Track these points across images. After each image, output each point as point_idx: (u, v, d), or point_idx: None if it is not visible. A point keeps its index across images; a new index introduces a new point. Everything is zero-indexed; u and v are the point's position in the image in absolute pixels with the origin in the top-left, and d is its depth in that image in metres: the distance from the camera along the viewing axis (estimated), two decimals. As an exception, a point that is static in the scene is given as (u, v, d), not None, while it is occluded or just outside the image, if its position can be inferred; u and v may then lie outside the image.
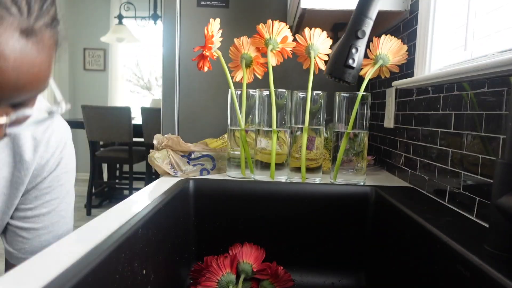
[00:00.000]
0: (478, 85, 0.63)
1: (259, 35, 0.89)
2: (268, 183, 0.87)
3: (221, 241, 0.83)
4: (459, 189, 0.68)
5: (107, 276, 0.43)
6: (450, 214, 0.64)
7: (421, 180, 0.84)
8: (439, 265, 0.52)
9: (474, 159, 0.63)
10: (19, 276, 0.38)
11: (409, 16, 0.96)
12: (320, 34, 0.89)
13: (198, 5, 1.43)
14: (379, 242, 0.79)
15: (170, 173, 0.92)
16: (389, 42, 0.87)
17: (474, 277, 0.43)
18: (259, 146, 0.91)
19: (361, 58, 0.51)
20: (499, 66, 0.53)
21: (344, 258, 0.85)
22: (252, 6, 1.43)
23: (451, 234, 0.52)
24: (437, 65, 0.83)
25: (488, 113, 0.60)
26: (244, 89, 0.90)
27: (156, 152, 0.93)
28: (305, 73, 0.92)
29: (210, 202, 0.85)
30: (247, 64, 0.93)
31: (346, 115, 0.88)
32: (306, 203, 0.85)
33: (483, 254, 0.45)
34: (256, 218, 0.85)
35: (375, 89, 1.23)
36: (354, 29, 0.50)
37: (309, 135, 0.90)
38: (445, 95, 0.75)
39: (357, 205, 0.84)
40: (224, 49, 0.97)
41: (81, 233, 0.51)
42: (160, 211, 0.63)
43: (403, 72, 0.97)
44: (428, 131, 0.81)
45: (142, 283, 0.54)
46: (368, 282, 0.83)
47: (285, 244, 0.85)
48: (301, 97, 0.90)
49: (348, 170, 0.88)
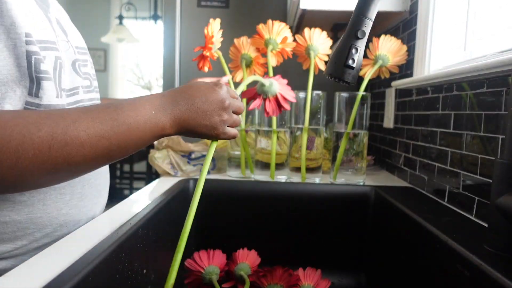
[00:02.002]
0: (478, 85, 0.63)
1: (259, 35, 0.89)
2: (268, 183, 0.87)
3: (221, 240, 0.83)
4: (459, 189, 0.68)
5: (107, 276, 0.43)
6: (450, 214, 0.64)
7: (421, 180, 0.84)
8: (438, 264, 0.52)
9: (474, 159, 0.64)
10: (19, 276, 0.38)
11: (408, 17, 0.96)
12: (320, 35, 0.89)
13: (198, 6, 1.43)
14: (379, 242, 0.79)
15: (170, 173, 0.92)
16: (388, 42, 0.87)
17: (473, 277, 0.43)
18: (259, 146, 0.91)
19: (361, 58, 0.51)
20: (498, 66, 0.54)
21: (344, 258, 0.85)
22: (252, 6, 1.43)
23: (451, 233, 0.52)
24: (437, 65, 0.83)
25: (487, 113, 0.60)
26: (244, 89, 0.90)
27: (157, 152, 0.93)
28: (305, 73, 0.92)
29: (210, 202, 0.85)
30: (247, 64, 0.93)
31: (346, 115, 0.88)
32: (306, 203, 0.85)
33: (482, 253, 0.45)
34: (256, 218, 0.85)
35: (375, 89, 1.23)
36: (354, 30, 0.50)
37: (309, 135, 0.90)
38: (445, 95, 0.75)
39: (357, 205, 0.84)
40: (224, 49, 0.97)
41: (81, 232, 0.51)
42: (160, 211, 0.64)
43: (402, 72, 0.97)
44: (427, 131, 0.82)
45: (142, 283, 0.54)
46: (368, 282, 0.83)
47: (285, 244, 0.86)
48: (301, 97, 0.90)
49: (348, 170, 0.88)
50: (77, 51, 0.58)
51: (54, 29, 0.52)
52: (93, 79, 0.62)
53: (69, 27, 0.60)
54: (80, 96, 0.56)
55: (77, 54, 0.58)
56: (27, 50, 0.45)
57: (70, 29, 0.59)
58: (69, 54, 0.55)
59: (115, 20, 4.36)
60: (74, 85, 0.55)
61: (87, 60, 0.61)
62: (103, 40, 4.12)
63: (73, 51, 0.57)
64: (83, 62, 0.59)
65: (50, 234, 0.52)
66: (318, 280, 0.73)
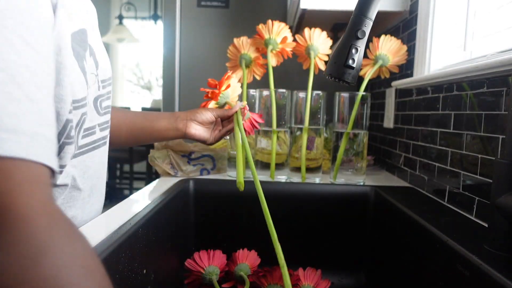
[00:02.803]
0: (478, 85, 0.63)
1: (259, 35, 0.89)
2: (268, 183, 0.87)
3: (221, 240, 0.83)
4: (459, 189, 0.68)
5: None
6: (450, 214, 0.64)
7: (421, 180, 0.84)
8: (438, 264, 0.52)
9: (474, 159, 0.64)
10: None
11: (408, 17, 0.96)
12: (320, 34, 0.89)
13: (198, 6, 1.43)
14: (378, 242, 0.79)
15: (170, 173, 0.92)
16: (388, 42, 0.87)
17: (473, 277, 0.43)
18: (259, 146, 0.91)
19: (361, 58, 0.51)
20: (498, 66, 0.54)
21: (344, 257, 0.85)
22: (252, 6, 1.43)
23: (451, 233, 0.52)
24: (437, 65, 0.83)
25: (487, 113, 0.60)
26: (244, 90, 0.91)
27: (157, 152, 0.93)
28: (305, 73, 0.92)
29: (210, 202, 0.85)
30: (247, 64, 0.93)
31: (346, 115, 0.88)
32: (306, 203, 0.85)
33: (482, 253, 0.45)
34: (256, 218, 0.85)
35: (375, 89, 1.23)
36: (354, 29, 0.50)
37: (309, 135, 0.90)
38: (445, 95, 0.75)
39: (357, 205, 0.84)
40: (224, 49, 0.98)
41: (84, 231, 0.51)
42: (160, 211, 0.64)
43: (402, 72, 0.97)
44: (427, 131, 0.82)
45: (142, 283, 0.54)
46: (368, 281, 0.83)
47: (285, 244, 0.86)
48: (301, 97, 0.90)
49: (348, 170, 0.88)
50: (102, 85, 0.56)
51: (87, 80, 0.50)
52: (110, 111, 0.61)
53: (100, 55, 0.56)
54: (96, 136, 0.54)
55: (101, 89, 0.56)
56: (67, 119, 0.43)
57: (101, 57, 0.56)
58: (94, 90, 0.53)
59: (115, 20, 4.36)
60: (91, 124, 0.53)
61: (110, 92, 0.59)
62: (103, 40, 4.11)
63: (98, 86, 0.55)
64: (106, 95, 0.57)
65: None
66: (318, 280, 0.73)
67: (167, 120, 0.74)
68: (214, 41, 1.44)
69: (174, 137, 0.74)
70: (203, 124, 0.74)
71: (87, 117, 0.51)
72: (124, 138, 0.72)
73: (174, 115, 0.74)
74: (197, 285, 0.73)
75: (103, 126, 0.57)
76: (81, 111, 0.48)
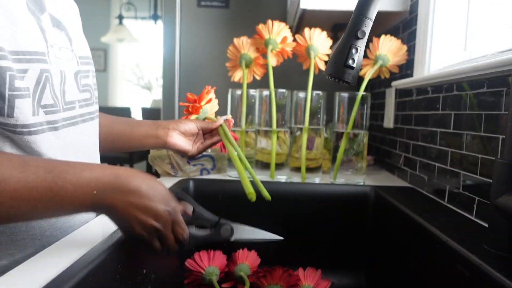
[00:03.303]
0: (478, 85, 0.63)
1: (259, 35, 0.89)
2: (268, 183, 0.87)
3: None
4: (459, 189, 0.68)
5: (107, 276, 0.43)
6: (450, 214, 0.64)
7: (421, 180, 0.84)
8: (438, 264, 0.52)
9: (474, 159, 0.64)
10: (19, 276, 0.38)
11: (409, 17, 0.96)
12: (320, 35, 0.89)
13: (198, 6, 1.43)
14: (378, 242, 0.79)
15: (170, 173, 0.92)
16: (388, 42, 0.87)
17: (473, 277, 0.43)
18: (259, 146, 0.91)
19: (361, 58, 0.51)
20: (498, 66, 0.53)
21: (344, 258, 0.85)
22: (252, 6, 1.43)
23: (451, 233, 0.52)
24: (437, 65, 0.83)
25: (487, 113, 0.60)
26: (244, 90, 0.91)
27: (157, 152, 0.93)
28: (305, 73, 0.92)
29: (210, 202, 0.85)
30: (247, 64, 0.93)
31: (346, 115, 0.88)
32: (306, 203, 0.85)
33: (482, 253, 0.45)
34: (255, 218, 0.85)
35: (375, 89, 1.23)
36: (354, 29, 0.50)
37: (309, 135, 0.90)
38: (445, 95, 0.75)
39: (357, 205, 0.84)
40: (224, 49, 0.98)
41: (82, 233, 0.51)
42: (160, 211, 0.63)
43: (402, 72, 0.97)
44: (427, 131, 0.82)
45: (142, 283, 0.54)
46: (367, 282, 0.83)
47: (285, 244, 0.85)
48: (301, 97, 0.90)
49: (348, 170, 0.88)
50: (81, 61, 0.56)
51: (46, 39, 0.49)
52: (94, 89, 0.61)
53: (76, 34, 0.57)
54: (75, 112, 0.54)
55: (80, 65, 0.56)
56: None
57: (76, 35, 0.57)
58: (72, 64, 0.53)
59: (115, 20, 4.36)
60: (71, 99, 0.53)
61: (89, 71, 0.59)
62: (103, 40, 4.12)
63: (77, 62, 0.55)
64: (85, 73, 0.57)
65: (31, 254, 0.46)
66: (318, 280, 0.73)
67: (148, 127, 0.71)
68: (214, 41, 1.44)
69: (153, 146, 0.72)
70: (185, 134, 0.72)
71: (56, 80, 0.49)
72: (101, 142, 0.67)
73: (156, 123, 0.72)
74: (197, 285, 0.73)
75: (82, 103, 0.56)
76: (38, 65, 0.46)
